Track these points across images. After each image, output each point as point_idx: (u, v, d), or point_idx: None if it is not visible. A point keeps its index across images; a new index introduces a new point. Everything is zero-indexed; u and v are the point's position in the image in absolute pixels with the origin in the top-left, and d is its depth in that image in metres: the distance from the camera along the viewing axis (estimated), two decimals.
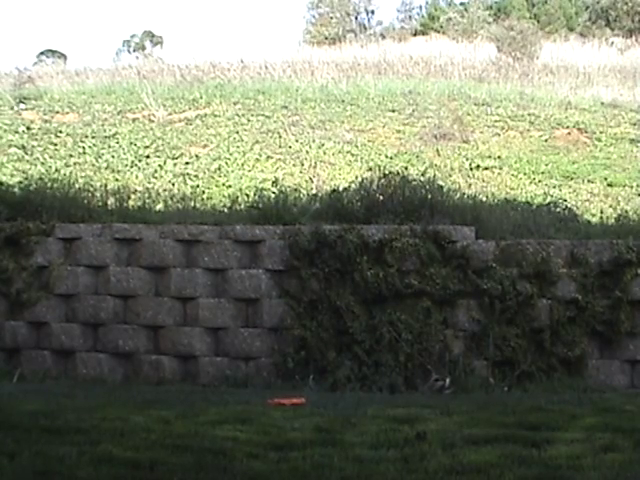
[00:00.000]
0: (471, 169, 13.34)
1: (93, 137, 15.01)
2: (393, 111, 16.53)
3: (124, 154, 14.14)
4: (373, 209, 7.51)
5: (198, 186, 12.35)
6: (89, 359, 7.21)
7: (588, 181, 13.15)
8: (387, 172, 8.05)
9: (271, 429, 4.04)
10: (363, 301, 7.03)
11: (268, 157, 13.98)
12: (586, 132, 15.68)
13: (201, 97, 17.68)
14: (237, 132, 15.27)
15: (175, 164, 13.68)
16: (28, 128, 15.53)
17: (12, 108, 16.90)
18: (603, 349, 6.99)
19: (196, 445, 3.61)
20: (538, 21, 32.41)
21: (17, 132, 15.26)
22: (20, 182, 8.51)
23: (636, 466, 3.27)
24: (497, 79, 20.23)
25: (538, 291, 6.96)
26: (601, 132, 15.61)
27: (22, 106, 17.06)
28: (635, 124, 16.23)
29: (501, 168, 13.51)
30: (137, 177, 12.89)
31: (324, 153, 14.16)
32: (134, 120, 16.21)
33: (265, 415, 4.47)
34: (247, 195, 8.98)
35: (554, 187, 12.72)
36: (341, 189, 8.13)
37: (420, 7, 39.33)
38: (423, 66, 21.85)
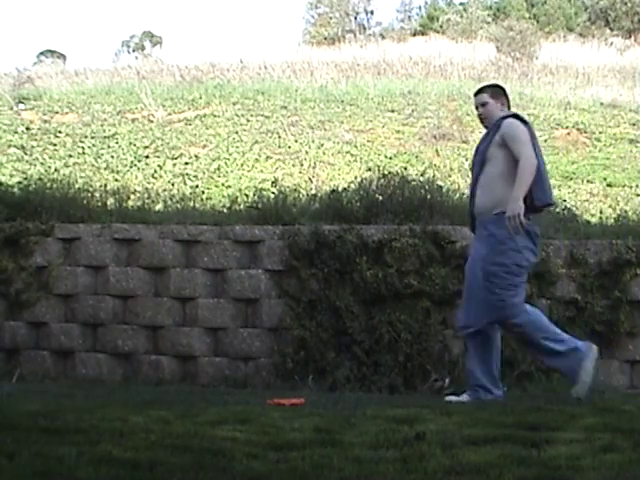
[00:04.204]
0: (470, 169, 13.34)
1: (92, 137, 15.02)
2: (392, 111, 16.54)
3: (123, 154, 14.15)
4: (372, 209, 7.51)
5: (197, 186, 12.36)
6: (88, 359, 7.21)
7: (587, 181, 13.17)
8: (386, 172, 8.05)
9: (270, 429, 4.04)
10: (362, 301, 7.03)
11: (267, 157, 14.00)
12: (585, 132, 15.70)
13: (200, 97, 17.69)
14: (236, 132, 15.28)
15: (174, 164, 13.70)
16: (27, 128, 15.54)
17: (11, 108, 16.92)
18: (602, 349, 6.98)
19: (195, 445, 3.61)
20: (537, 21, 32.47)
21: (16, 132, 15.27)
22: (19, 182, 8.51)
23: (636, 466, 3.27)
24: (496, 79, 20.23)
25: (537, 291, 6.95)
26: (600, 132, 15.63)
27: (21, 106, 17.08)
28: (634, 124, 16.25)
29: None
30: (136, 177, 12.90)
31: (323, 153, 14.17)
32: (133, 120, 16.22)
33: (264, 415, 4.47)
34: (246, 195, 8.98)
35: (553, 187, 12.70)
36: (340, 189, 8.13)
37: (419, 7, 39.43)
38: (422, 66, 21.90)
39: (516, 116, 5.62)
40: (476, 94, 5.84)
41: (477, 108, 5.78)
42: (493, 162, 5.48)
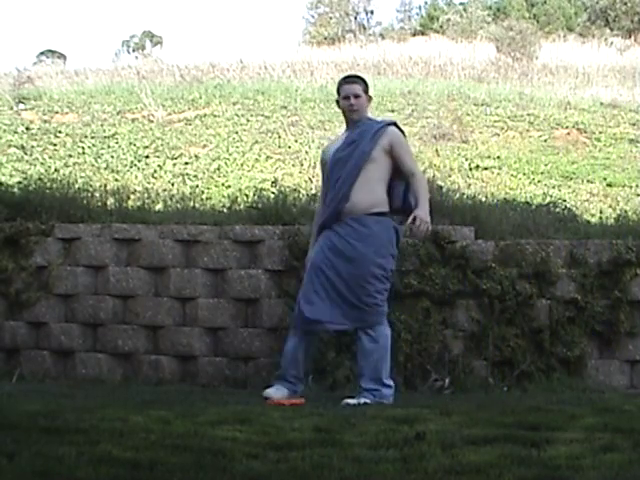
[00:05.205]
0: (470, 169, 13.34)
1: (92, 137, 15.01)
2: (392, 111, 16.52)
3: (123, 154, 14.14)
4: None
5: (197, 186, 12.34)
6: (88, 359, 7.20)
7: (587, 181, 13.16)
8: None
9: (270, 429, 4.04)
10: None
11: (267, 157, 13.98)
12: (585, 132, 15.69)
13: (200, 97, 17.67)
14: (236, 132, 15.27)
15: (174, 164, 13.68)
16: (27, 128, 15.53)
17: (11, 108, 16.90)
18: (602, 349, 6.99)
19: (195, 445, 3.61)
20: (537, 21, 32.50)
21: (16, 132, 15.25)
22: (19, 182, 8.50)
23: (636, 466, 3.27)
24: (496, 79, 20.28)
25: (537, 291, 6.96)
26: (600, 132, 15.63)
27: (21, 106, 17.07)
28: (634, 124, 16.25)
29: (500, 168, 13.51)
30: (136, 177, 12.89)
31: None
32: (133, 120, 16.21)
33: (264, 415, 4.47)
34: (246, 195, 8.98)
35: (553, 187, 12.72)
36: None
37: (419, 7, 39.48)
38: (422, 66, 21.91)
39: (397, 125, 5.61)
40: (349, 82, 5.52)
41: (348, 98, 5.46)
42: (376, 164, 5.40)
